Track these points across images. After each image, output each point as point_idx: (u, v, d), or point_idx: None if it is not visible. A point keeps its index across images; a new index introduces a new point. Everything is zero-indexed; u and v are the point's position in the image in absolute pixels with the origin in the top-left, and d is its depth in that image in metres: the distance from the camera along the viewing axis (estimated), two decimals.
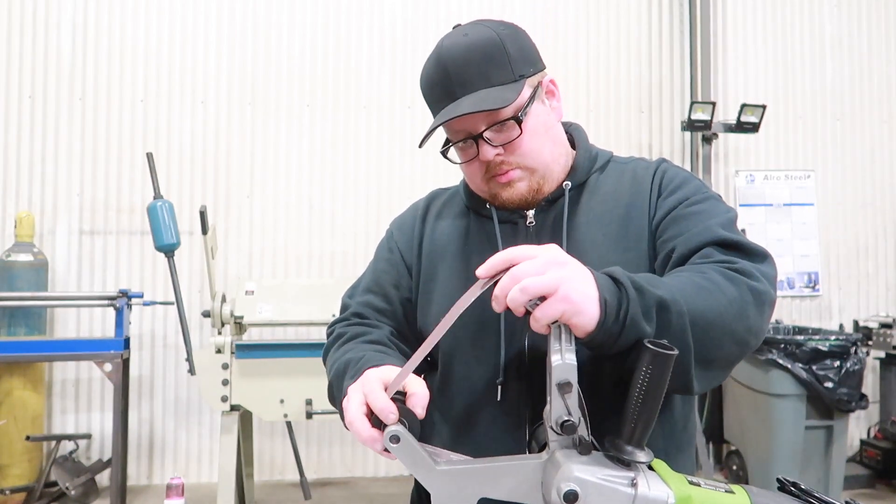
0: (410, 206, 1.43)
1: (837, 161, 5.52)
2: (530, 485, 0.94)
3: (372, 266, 1.38)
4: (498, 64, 1.15)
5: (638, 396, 0.88)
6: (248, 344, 3.65)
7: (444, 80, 1.16)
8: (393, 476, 4.87)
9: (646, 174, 1.24)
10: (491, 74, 1.14)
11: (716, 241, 1.09)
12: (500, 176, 1.20)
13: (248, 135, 4.95)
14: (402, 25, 5.12)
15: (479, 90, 1.14)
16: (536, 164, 1.20)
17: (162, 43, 4.89)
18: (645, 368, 0.88)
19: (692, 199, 1.17)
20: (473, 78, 1.14)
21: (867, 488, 4.67)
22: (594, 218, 1.21)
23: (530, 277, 0.89)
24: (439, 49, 1.18)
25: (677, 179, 1.22)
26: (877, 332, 4.88)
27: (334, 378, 1.20)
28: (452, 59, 1.15)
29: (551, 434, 0.93)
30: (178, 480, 1.15)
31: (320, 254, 4.95)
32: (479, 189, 1.25)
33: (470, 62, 1.14)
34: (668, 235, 1.15)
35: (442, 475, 0.94)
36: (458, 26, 1.22)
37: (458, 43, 1.16)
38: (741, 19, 5.47)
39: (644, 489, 0.88)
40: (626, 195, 1.22)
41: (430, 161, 4.96)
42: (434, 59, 1.18)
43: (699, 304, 0.96)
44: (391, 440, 0.92)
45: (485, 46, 1.15)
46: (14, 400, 4.16)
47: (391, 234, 1.39)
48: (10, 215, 4.68)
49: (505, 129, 1.17)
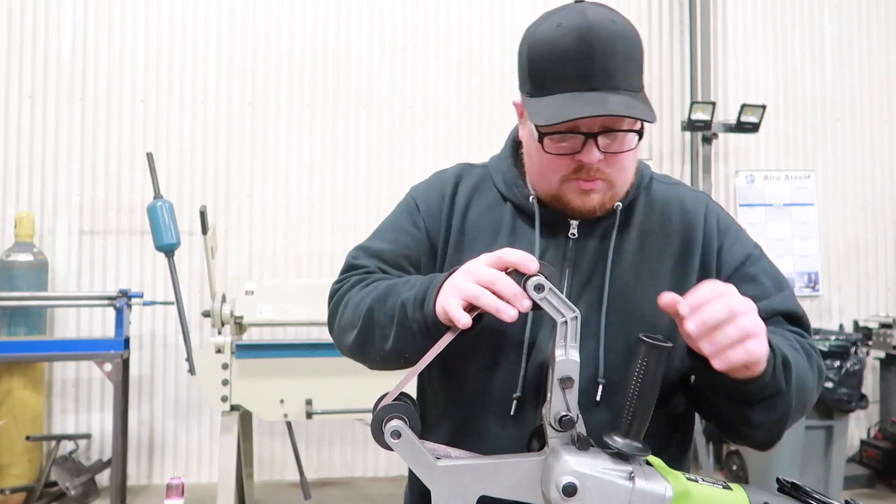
0: (435, 177, 1.31)
1: (837, 161, 5.52)
2: (530, 482, 0.94)
3: (390, 235, 1.26)
4: (637, 66, 1.08)
5: (634, 389, 0.90)
6: (248, 344, 3.65)
7: (585, 61, 1.03)
8: (393, 476, 4.87)
9: (696, 211, 1.22)
10: (631, 75, 1.06)
11: (786, 313, 1.18)
12: (586, 182, 1.11)
13: (248, 135, 4.95)
14: (402, 26, 5.12)
15: (622, 90, 1.05)
16: (622, 182, 1.15)
17: (162, 43, 4.89)
18: (641, 361, 0.90)
19: (754, 256, 1.21)
20: (618, 73, 1.04)
21: (867, 488, 4.67)
22: (642, 246, 1.18)
23: (746, 317, 0.93)
24: (583, 24, 1.04)
25: (732, 229, 1.23)
26: (877, 332, 4.88)
27: (376, 303, 1.11)
28: (601, 41, 1.04)
29: (550, 431, 0.94)
30: (178, 480, 1.15)
31: (320, 254, 4.95)
32: (549, 185, 1.14)
33: (617, 53, 1.05)
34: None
35: (442, 472, 0.94)
36: (580, 1, 1.11)
37: (608, 27, 1.05)
38: (741, 19, 5.47)
39: (642, 482, 0.89)
40: (676, 229, 1.20)
41: (430, 161, 4.97)
42: (576, 31, 1.04)
43: (800, 369, 1.06)
44: (392, 436, 0.92)
45: (630, 42, 1.07)
46: (14, 400, 4.16)
47: (414, 208, 1.27)
48: (10, 215, 4.68)
49: (618, 140, 1.09)
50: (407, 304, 1.06)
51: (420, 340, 1.06)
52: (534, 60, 1.09)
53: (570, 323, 0.94)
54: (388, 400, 0.98)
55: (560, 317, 0.95)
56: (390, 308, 1.09)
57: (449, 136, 5.08)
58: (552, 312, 0.95)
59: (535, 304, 0.95)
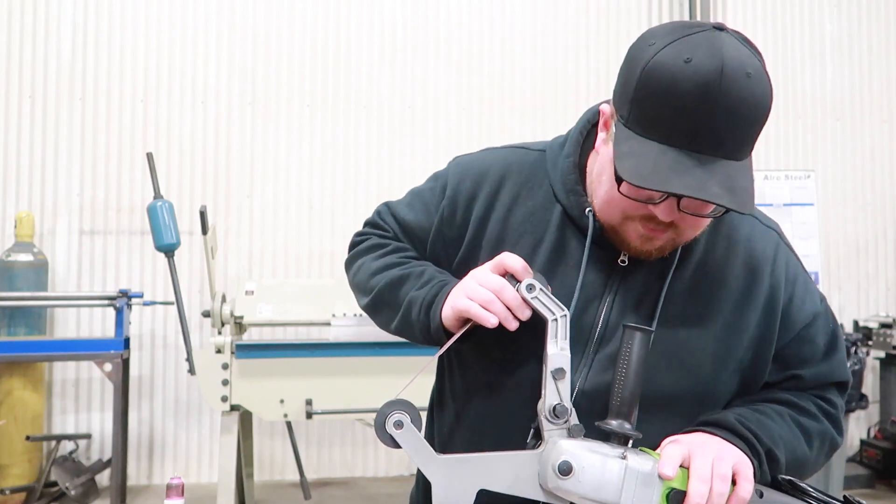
0: (480, 160, 1.19)
1: (837, 161, 5.52)
2: (529, 476, 0.97)
3: (418, 204, 1.21)
4: (755, 135, 0.94)
5: (621, 371, 0.96)
6: (248, 344, 3.65)
7: (701, 121, 0.89)
8: (393, 476, 4.87)
9: (764, 255, 1.11)
10: (744, 144, 0.93)
11: (836, 383, 1.16)
12: (651, 232, 1.00)
13: (248, 135, 4.95)
14: (402, 26, 5.12)
15: (728, 160, 0.91)
16: (689, 236, 1.04)
17: (162, 43, 4.89)
18: (626, 346, 0.96)
19: (818, 314, 1.14)
20: (731, 141, 0.91)
21: (867, 488, 4.67)
22: (696, 287, 1.08)
23: (718, 481, 0.94)
24: (714, 69, 0.88)
25: (801, 278, 1.14)
26: (877, 332, 4.88)
27: (386, 287, 1.13)
28: (728, 100, 0.89)
29: (546, 424, 0.97)
30: (178, 480, 1.15)
31: (320, 254, 4.95)
32: (609, 217, 1.03)
33: (740, 120, 0.90)
34: (793, 363, 1.13)
35: (442, 465, 0.97)
36: (726, 30, 0.94)
37: (740, 82, 0.89)
38: (741, 19, 5.47)
39: (634, 462, 0.93)
40: (738, 275, 1.09)
41: (430, 161, 4.96)
42: (704, 81, 0.88)
43: (792, 457, 1.07)
44: (395, 426, 0.95)
45: (759, 108, 0.92)
46: (14, 400, 4.16)
47: (442, 189, 1.18)
48: (10, 215, 4.68)
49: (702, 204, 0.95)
50: (414, 304, 1.08)
51: (420, 340, 1.09)
52: (643, 92, 0.92)
53: (560, 320, 0.98)
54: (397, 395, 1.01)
55: (551, 315, 0.98)
56: (399, 299, 1.10)
57: (449, 136, 5.08)
58: (543, 311, 0.98)
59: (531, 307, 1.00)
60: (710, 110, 0.88)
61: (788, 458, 1.06)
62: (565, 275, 1.07)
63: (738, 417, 1.04)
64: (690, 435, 1.02)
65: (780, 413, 1.09)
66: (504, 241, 1.11)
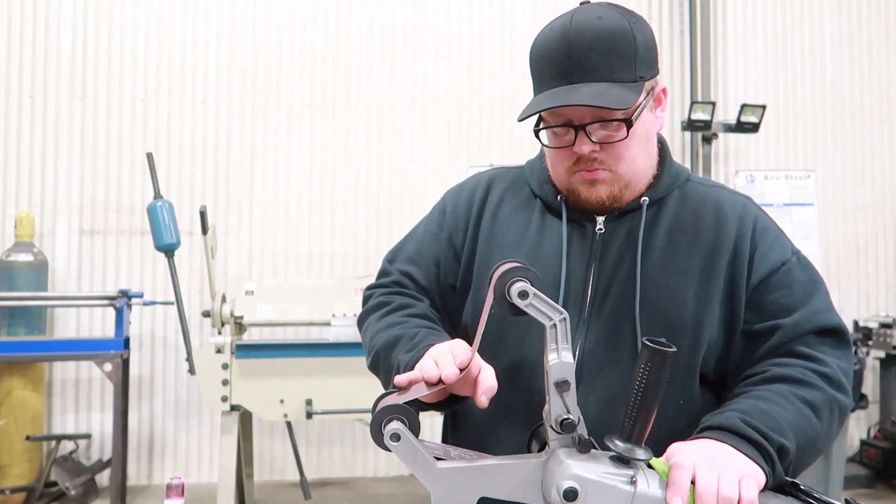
0: (471, 180, 1.36)
1: (837, 161, 5.52)
2: (530, 484, 0.93)
3: (420, 235, 1.34)
4: (624, 58, 1.10)
5: (637, 393, 0.89)
6: (248, 344, 3.65)
7: (563, 59, 1.10)
8: (393, 476, 4.86)
9: (732, 212, 1.20)
10: (614, 68, 1.10)
11: (818, 330, 1.15)
12: (587, 172, 1.15)
13: (249, 135, 4.95)
14: (402, 26, 5.12)
15: (600, 82, 1.09)
16: (626, 172, 1.16)
17: (162, 43, 4.89)
18: (644, 365, 0.88)
19: (790, 263, 1.19)
20: (597, 66, 1.09)
21: (867, 488, 4.67)
22: (671, 242, 1.18)
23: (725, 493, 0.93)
24: (567, 24, 1.11)
25: (771, 232, 1.21)
26: (877, 332, 4.88)
27: (382, 348, 1.20)
28: (580, 39, 1.09)
29: (551, 433, 0.93)
30: (178, 480, 1.15)
31: (320, 254, 4.95)
32: (559, 178, 1.20)
33: (597, 49, 1.09)
34: (772, 310, 1.16)
35: (442, 474, 0.93)
36: (586, 3, 1.16)
37: (590, 24, 1.10)
38: (741, 19, 5.47)
39: (643, 487, 0.88)
40: (709, 228, 1.19)
41: (430, 161, 4.97)
42: (559, 32, 1.11)
43: (803, 438, 1.06)
44: (391, 438, 0.91)
45: (616, 36, 1.10)
46: (14, 400, 4.15)
47: (444, 210, 1.33)
48: (10, 215, 4.68)
49: (610, 128, 1.12)
50: (399, 367, 1.13)
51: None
52: (530, 62, 1.17)
53: (559, 325, 0.93)
54: (386, 401, 0.97)
55: (548, 320, 0.93)
56: (391, 361, 1.17)
57: (449, 136, 5.07)
58: (539, 317, 0.94)
59: (520, 311, 0.95)
60: (568, 45, 1.09)
61: (800, 441, 1.05)
62: (552, 255, 1.19)
63: (743, 417, 1.03)
64: (697, 445, 1.00)
65: (783, 394, 1.08)
66: (496, 234, 1.25)
